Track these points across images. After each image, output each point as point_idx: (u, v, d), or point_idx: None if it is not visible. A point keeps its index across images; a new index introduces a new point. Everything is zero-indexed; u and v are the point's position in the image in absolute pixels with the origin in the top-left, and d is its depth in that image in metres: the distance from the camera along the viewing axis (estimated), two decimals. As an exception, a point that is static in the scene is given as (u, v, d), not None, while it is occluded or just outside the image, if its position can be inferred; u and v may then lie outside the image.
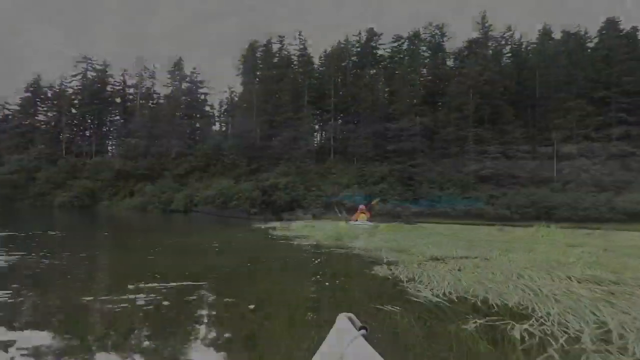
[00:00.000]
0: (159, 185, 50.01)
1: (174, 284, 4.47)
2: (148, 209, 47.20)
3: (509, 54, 60.68)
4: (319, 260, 6.32)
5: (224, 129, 65.66)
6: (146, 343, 2.92)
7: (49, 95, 66.07)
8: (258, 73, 64.24)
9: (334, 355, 1.01)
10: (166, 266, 5.95)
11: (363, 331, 1.12)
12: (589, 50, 52.29)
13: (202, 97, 65.83)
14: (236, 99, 65.43)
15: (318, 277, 4.86)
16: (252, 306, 3.51)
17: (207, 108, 67.65)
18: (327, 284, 4.30)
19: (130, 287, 4.39)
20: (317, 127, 64.33)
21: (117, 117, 68.97)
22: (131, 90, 69.88)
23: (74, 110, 65.38)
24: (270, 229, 15.31)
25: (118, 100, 68.62)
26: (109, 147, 67.69)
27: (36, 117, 65.72)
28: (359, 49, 64.20)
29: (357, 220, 17.94)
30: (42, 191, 52.38)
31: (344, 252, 7.42)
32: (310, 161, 50.47)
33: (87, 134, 65.69)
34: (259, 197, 46.22)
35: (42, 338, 2.90)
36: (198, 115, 64.55)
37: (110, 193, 52.61)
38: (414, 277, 4.40)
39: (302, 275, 5.19)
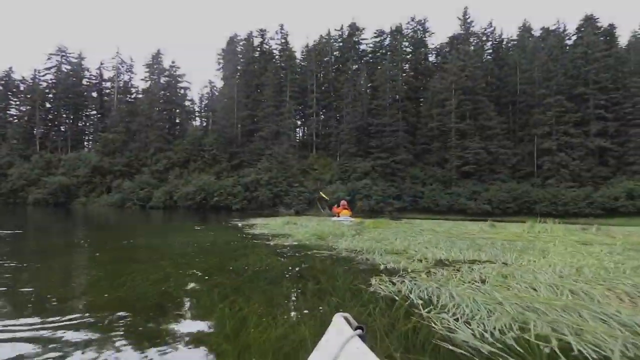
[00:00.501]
0: (137, 181, 48.65)
1: (66, 319, 2.74)
2: (126, 206, 45.94)
3: (490, 50, 61.10)
4: (298, 269, 4.92)
5: (204, 124, 64.33)
6: None
7: (22, 88, 63.64)
8: (239, 67, 63.19)
9: (330, 355, 0.99)
10: (88, 282, 4.22)
11: (359, 331, 1.11)
12: (567, 48, 52.84)
13: (182, 91, 64.31)
14: (217, 93, 64.20)
15: (295, 297, 3.59)
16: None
17: (187, 103, 66.19)
18: (306, 311, 3.03)
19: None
20: (299, 122, 63.69)
21: (94, 112, 66.93)
22: (108, 84, 67.89)
23: (48, 105, 62.99)
24: (248, 226, 13.05)
25: (94, 94, 66.45)
26: (85, 143, 65.73)
27: (8, 112, 63.25)
28: (341, 44, 63.68)
29: (339, 216, 17.08)
30: (14, 188, 50.39)
31: (330, 256, 5.99)
32: (293, 157, 49.81)
33: (62, 129, 63.51)
34: (240, 193, 45.52)
35: None
36: (177, 110, 63.06)
37: (86, 190, 50.89)
38: (430, 298, 3.18)
39: (275, 294, 3.63)
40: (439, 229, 10.33)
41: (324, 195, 29.05)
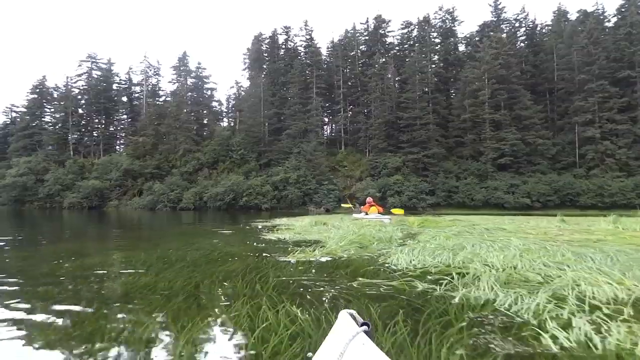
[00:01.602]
0: (167, 183, 48.90)
1: None
2: (157, 208, 46.22)
3: (524, 37, 58.41)
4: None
5: (232, 124, 64.30)
6: None
7: (55, 96, 65.40)
8: (264, 66, 62.89)
9: (336, 351, 1.01)
10: None
11: (365, 327, 1.13)
12: (606, 30, 49.76)
13: (209, 92, 64.65)
14: (243, 93, 64.06)
15: None
16: None
17: (214, 104, 66.51)
18: None
19: None
20: (326, 119, 62.85)
21: (124, 116, 68.26)
22: (137, 88, 69.03)
23: (80, 111, 64.56)
24: (270, 228, 10.79)
25: (124, 98, 67.73)
26: (117, 147, 66.88)
27: (43, 119, 65.06)
28: (367, 37, 62.38)
29: (367, 214, 15.36)
30: (51, 193, 51.68)
31: (392, 292, 3.53)
32: (321, 154, 48.89)
33: (95, 134, 64.90)
34: (269, 193, 45.05)
35: None
36: (205, 111, 63.33)
37: (118, 193, 51.69)
38: None
39: None
40: (506, 226, 8.11)
41: (349, 205, 27.87)
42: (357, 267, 4.52)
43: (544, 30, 58.24)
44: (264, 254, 5.69)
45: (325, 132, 61.91)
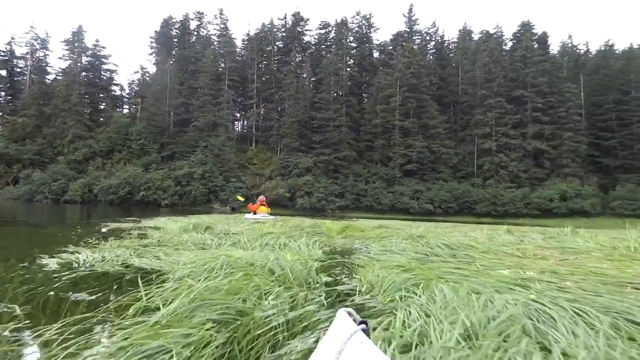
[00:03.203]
0: (50, 171, 42.91)
1: None
2: (35, 200, 40.29)
3: (433, 50, 61.36)
4: None
5: (133, 110, 58.70)
6: None
7: None
8: (173, 52, 58.62)
9: (334, 350, 1.00)
10: None
11: (363, 325, 1.09)
12: (504, 53, 53.93)
13: (108, 74, 58.40)
14: (148, 79, 58.90)
15: None
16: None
17: (114, 88, 60.28)
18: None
19: None
20: (238, 114, 60.29)
21: (2, 93, 59.13)
22: (20, 62, 60.14)
23: (-57, 82, 54.59)
24: (113, 233, 6.96)
25: (3, 72, 58.54)
26: (-10, 127, 57.55)
27: None
28: (284, 34, 60.99)
29: (256, 213, 14.37)
30: None
31: None
32: (230, 150, 46.38)
33: (-38, 111, 55.19)
34: (171, 188, 41.65)
35: None
36: (102, 95, 57.08)
37: (-13, 180, 44.26)
38: None
39: None
40: (460, 238, 5.60)
41: (240, 198, 25.67)
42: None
43: (451, 46, 61.79)
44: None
45: (236, 128, 59.45)
